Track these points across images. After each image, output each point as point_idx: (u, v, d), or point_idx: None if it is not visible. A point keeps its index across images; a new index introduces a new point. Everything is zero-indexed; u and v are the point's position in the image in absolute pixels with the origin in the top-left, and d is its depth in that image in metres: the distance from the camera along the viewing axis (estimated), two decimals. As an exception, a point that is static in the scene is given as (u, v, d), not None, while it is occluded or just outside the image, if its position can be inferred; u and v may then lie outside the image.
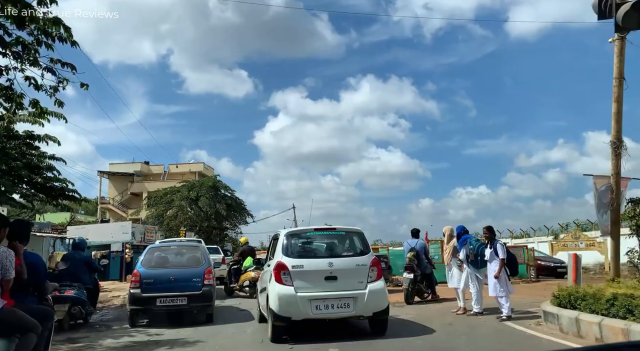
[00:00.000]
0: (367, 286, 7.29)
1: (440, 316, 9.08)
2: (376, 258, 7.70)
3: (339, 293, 7.17)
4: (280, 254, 7.45)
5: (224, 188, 37.85)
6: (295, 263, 7.26)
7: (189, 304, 9.11)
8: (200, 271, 9.50)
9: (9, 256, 4.50)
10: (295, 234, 7.86)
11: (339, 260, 7.40)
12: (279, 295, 7.08)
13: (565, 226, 26.18)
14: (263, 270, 8.85)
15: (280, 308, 7.04)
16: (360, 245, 7.76)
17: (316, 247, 7.95)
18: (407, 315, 9.20)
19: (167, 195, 36.69)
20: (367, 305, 7.19)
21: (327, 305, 7.12)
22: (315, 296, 7.10)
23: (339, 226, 8.00)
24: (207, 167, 53.28)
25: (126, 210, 49.20)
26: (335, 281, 7.22)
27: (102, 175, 52.39)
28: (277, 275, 7.24)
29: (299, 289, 7.11)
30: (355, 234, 7.93)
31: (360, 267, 7.39)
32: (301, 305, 7.03)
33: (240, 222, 39.43)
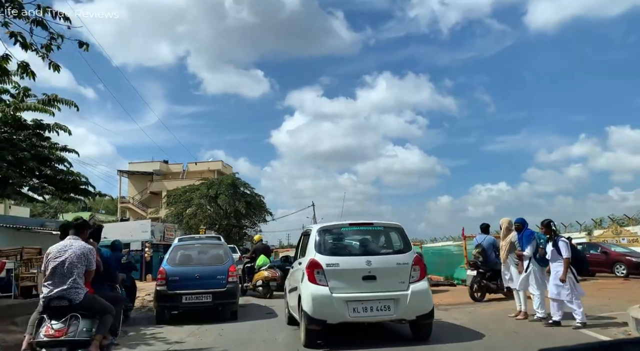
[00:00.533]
0: (409, 286, 6.67)
1: (496, 322, 8.03)
2: (418, 256, 7.07)
3: (379, 295, 6.56)
4: (313, 251, 6.87)
5: (243, 185, 37.51)
6: (330, 261, 6.68)
7: (214, 301, 9.24)
8: (224, 269, 9.61)
9: (92, 252, 5.36)
10: (328, 230, 7.25)
11: (377, 258, 6.79)
12: (313, 296, 6.51)
13: (600, 221, 25.14)
14: (293, 269, 8.28)
15: (314, 310, 6.47)
16: (400, 241, 7.15)
17: (352, 244, 7.34)
18: (457, 320, 8.30)
19: (187, 194, 36.51)
20: (410, 307, 6.56)
21: (366, 308, 6.52)
22: (352, 298, 6.50)
23: (376, 221, 7.37)
24: (226, 165, 53.01)
25: (146, 209, 49.22)
26: (373, 281, 6.62)
27: (121, 174, 52.43)
28: (310, 274, 6.67)
29: (334, 290, 6.53)
30: (394, 229, 7.31)
31: (401, 266, 6.77)
32: (337, 306, 6.45)
33: (260, 220, 39.07)
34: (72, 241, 5.30)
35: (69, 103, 8.93)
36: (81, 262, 5.14)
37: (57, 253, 5.15)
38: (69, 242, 5.29)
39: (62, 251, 5.15)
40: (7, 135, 8.97)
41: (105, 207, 65.93)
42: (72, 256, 5.10)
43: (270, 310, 10.53)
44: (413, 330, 6.99)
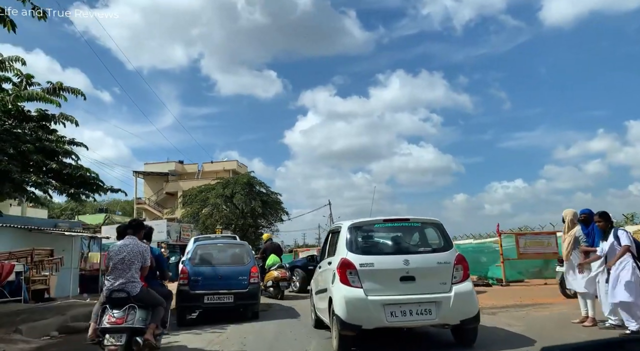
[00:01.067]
0: (451, 288, 6.02)
1: (558, 329, 7.02)
2: (461, 255, 6.40)
3: (419, 297, 5.92)
4: (345, 250, 6.25)
5: (259, 184, 36.92)
6: (364, 260, 6.06)
7: (235, 302, 9.17)
8: (246, 269, 9.52)
9: (147, 250, 5.99)
10: (360, 226, 6.62)
11: (416, 257, 6.15)
12: (347, 299, 5.89)
13: (631, 217, 24.06)
14: (320, 269, 7.66)
15: (348, 315, 5.85)
16: (440, 238, 6.50)
17: (387, 242, 6.69)
18: (511, 326, 7.29)
19: (202, 193, 36.00)
20: (454, 311, 5.90)
21: (405, 311, 5.88)
22: (389, 301, 5.88)
23: (412, 216, 6.72)
24: (241, 165, 52.63)
25: (162, 209, 49.12)
26: (412, 282, 5.98)
27: (137, 175, 52.41)
28: (342, 275, 6.05)
29: (369, 292, 5.91)
30: (432, 225, 6.65)
31: (442, 265, 6.12)
32: (373, 310, 5.82)
33: (276, 219, 38.47)
34: (130, 240, 5.91)
35: (75, 92, 8.33)
36: (138, 259, 5.77)
37: (118, 251, 5.78)
38: (127, 241, 5.91)
39: (121, 249, 5.79)
40: (9, 127, 8.32)
41: (122, 209, 66.07)
42: (130, 253, 5.73)
43: (290, 310, 10.01)
44: (456, 335, 6.34)
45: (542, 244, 13.12)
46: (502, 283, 13.24)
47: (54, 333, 7.97)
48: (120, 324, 5.39)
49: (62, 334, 8.03)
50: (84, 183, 9.47)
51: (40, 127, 9.00)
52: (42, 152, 8.35)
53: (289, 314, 9.94)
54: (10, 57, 8.00)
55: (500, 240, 13.55)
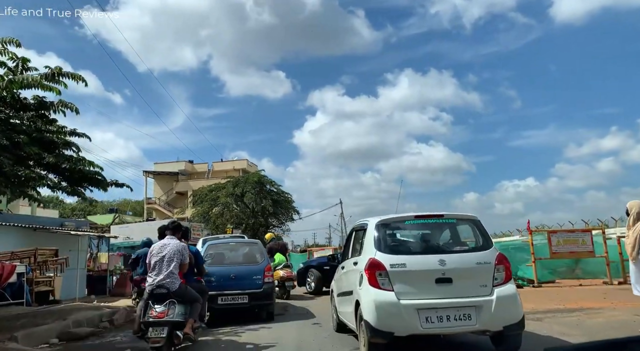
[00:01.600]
0: (493, 291, 5.41)
1: None
2: (502, 255, 5.77)
3: (457, 301, 5.32)
4: (373, 250, 5.66)
5: (269, 183, 36.46)
6: (395, 261, 5.46)
7: (250, 302, 8.91)
8: (260, 268, 9.25)
9: (186, 248, 6.34)
10: (389, 223, 6.01)
11: (452, 257, 5.55)
12: (377, 303, 5.31)
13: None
14: (343, 270, 7.08)
15: (379, 321, 5.26)
16: (478, 236, 5.87)
17: (419, 240, 6.07)
18: (570, 336, 6.40)
19: (212, 192, 35.64)
20: (496, 316, 5.29)
21: (441, 317, 5.28)
22: (424, 305, 5.29)
23: (447, 212, 6.11)
24: (251, 164, 52.27)
25: (172, 209, 48.84)
26: (449, 284, 5.38)
27: (147, 175, 52.24)
28: (371, 277, 5.46)
29: (401, 295, 5.32)
30: (469, 222, 6.03)
31: (482, 266, 5.51)
32: (406, 316, 5.23)
33: (287, 218, 37.93)
34: (169, 240, 6.33)
35: (76, 77, 7.63)
36: (177, 257, 6.13)
37: (159, 249, 6.19)
38: (167, 240, 6.32)
39: (162, 248, 6.19)
40: (5, 116, 7.61)
41: (133, 209, 65.96)
42: (170, 252, 6.12)
43: (306, 313, 9.53)
44: (497, 343, 5.70)
45: (577, 242, 12.36)
46: (533, 284, 12.54)
47: (54, 340, 7.34)
48: (162, 318, 5.74)
49: (62, 341, 7.41)
50: (84, 178, 8.80)
51: (39, 116, 8.30)
52: (39, 143, 7.68)
53: (306, 316, 9.40)
54: (3, 39, 7.44)
55: (531, 238, 12.86)
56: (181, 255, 6.20)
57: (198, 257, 7.11)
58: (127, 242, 19.45)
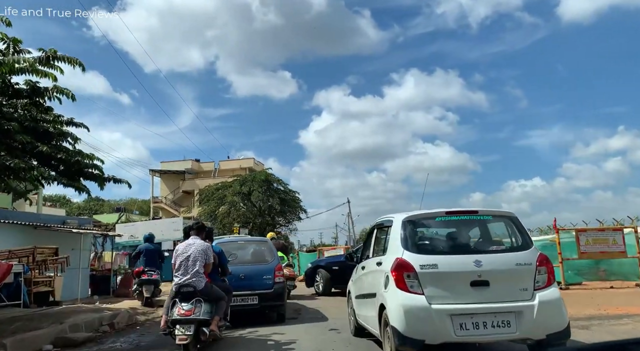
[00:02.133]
0: (534, 295, 4.88)
1: None
2: (544, 255, 5.21)
3: (494, 306, 4.79)
4: (400, 249, 5.13)
5: (276, 181, 35.85)
6: (425, 261, 4.93)
7: (260, 303, 8.60)
8: (271, 268, 8.96)
9: (210, 248, 6.51)
10: (417, 220, 5.47)
11: (489, 257, 5.00)
12: (406, 308, 4.77)
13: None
14: (364, 270, 6.54)
15: (408, 327, 4.73)
16: (517, 235, 5.32)
17: (451, 238, 5.51)
18: None
19: (219, 191, 35.15)
20: (538, 323, 4.75)
21: (477, 323, 4.74)
22: (458, 310, 4.76)
23: (482, 208, 5.55)
24: (257, 163, 51.72)
25: (179, 208, 48.43)
26: (486, 288, 4.85)
27: (154, 173, 51.88)
28: (398, 279, 4.94)
29: (433, 299, 4.80)
30: (506, 219, 5.47)
31: (521, 267, 4.97)
32: (438, 322, 4.71)
33: (294, 218, 37.32)
34: (194, 240, 6.48)
35: (73, 61, 6.99)
36: (202, 257, 6.27)
37: (184, 249, 6.34)
38: (191, 240, 6.47)
39: (187, 248, 6.34)
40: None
41: (139, 208, 65.72)
42: (195, 252, 6.27)
43: (320, 316, 9.05)
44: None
45: (607, 242, 11.70)
46: (560, 286, 11.81)
47: (47, 347, 6.69)
48: (188, 316, 5.88)
49: (57, 348, 6.78)
50: (80, 172, 8.20)
51: (33, 104, 7.69)
52: (32, 132, 7.10)
53: (320, 319, 8.92)
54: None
55: (558, 237, 12.16)
56: (205, 255, 6.34)
57: (222, 256, 7.19)
58: (132, 240, 18.97)
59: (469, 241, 5.48)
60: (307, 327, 8.01)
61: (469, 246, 5.40)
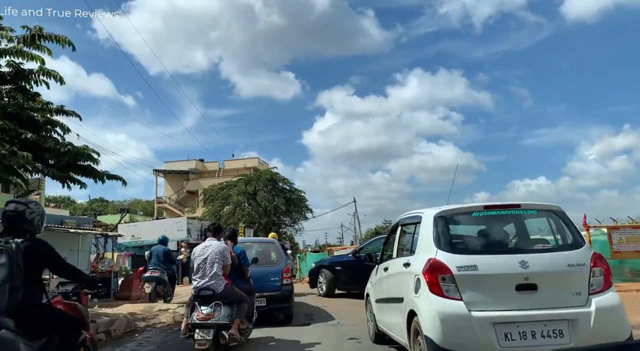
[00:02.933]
0: (590, 300, 4.26)
1: None
2: (599, 254, 4.58)
3: (544, 313, 4.18)
4: (433, 248, 4.51)
5: (282, 180, 35.23)
6: (463, 262, 4.32)
7: (268, 306, 8.45)
8: (278, 270, 8.82)
9: (227, 249, 6.49)
10: (452, 216, 4.84)
11: (536, 257, 4.38)
12: (442, 316, 4.16)
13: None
14: (386, 271, 5.92)
15: (445, 338, 4.12)
16: (566, 231, 4.69)
17: (491, 236, 4.86)
18: None
19: (224, 191, 34.49)
20: (596, 332, 4.12)
21: (524, 333, 4.13)
22: (502, 318, 4.15)
23: (524, 202, 4.91)
24: (262, 162, 51.27)
25: (183, 208, 48.06)
26: (534, 292, 4.24)
27: (157, 173, 51.67)
28: (432, 282, 4.33)
29: (473, 305, 4.20)
30: (553, 214, 4.83)
31: (574, 269, 4.34)
32: (479, 331, 4.10)
33: (300, 217, 36.57)
34: (211, 241, 6.43)
35: (61, 40, 6.45)
36: (219, 258, 6.20)
37: (201, 252, 6.32)
38: (208, 242, 6.43)
39: (204, 250, 6.30)
40: None
41: (143, 209, 65.39)
42: (212, 254, 6.21)
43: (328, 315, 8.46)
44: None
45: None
46: None
47: None
48: (207, 320, 5.83)
49: None
50: (73, 165, 7.62)
51: (18, 89, 7.01)
52: (16, 119, 6.48)
53: (334, 325, 8.34)
54: None
55: (588, 235, 11.42)
56: (223, 257, 6.27)
57: (242, 258, 7.05)
58: (135, 241, 18.40)
59: (511, 239, 4.85)
60: (323, 335, 7.36)
61: (512, 244, 4.77)
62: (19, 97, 7.08)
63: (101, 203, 76.04)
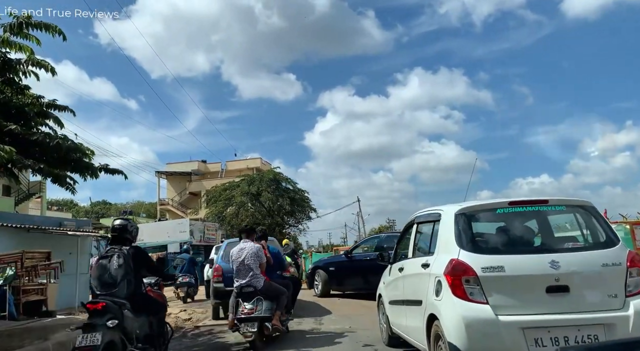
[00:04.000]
0: (627, 303, 3.93)
1: None
2: (636, 254, 4.25)
3: (578, 317, 3.86)
4: (455, 247, 4.19)
5: (285, 180, 34.71)
6: (489, 262, 4.00)
7: None
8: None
9: (261, 249, 6.98)
10: (474, 213, 4.50)
11: (567, 257, 4.05)
12: (467, 321, 3.85)
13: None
14: (401, 272, 5.59)
15: (470, 344, 3.82)
16: (599, 229, 4.36)
17: (517, 235, 4.51)
18: None
19: (227, 191, 34.08)
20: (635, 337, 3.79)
21: (557, 338, 3.82)
22: (532, 323, 3.84)
23: (552, 197, 4.57)
24: (265, 163, 50.99)
25: (185, 210, 47.87)
26: (566, 294, 3.92)
27: (160, 175, 51.63)
28: (455, 284, 4.01)
29: (500, 309, 3.88)
30: (584, 210, 4.48)
31: (609, 269, 4.01)
32: (507, 337, 3.80)
33: (304, 217, 35.93)
34: (244, 243, 6.97)
35: (52, 29, 6.00)
36: (254, 259, 6.71)
37: (237, 254, 6.84)
38: (243, 244, 6.96)
39: (240, 252, 6.84)
40: None
41: (146, 210, 65.29)
42: (247, 256, 6.75)
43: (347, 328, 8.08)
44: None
45: None
46: None
47: None
48: (251, 314, 6.37)
49: None
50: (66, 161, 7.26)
51: (5, 82, 6.67)
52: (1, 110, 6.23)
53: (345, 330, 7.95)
54: None
55: None
56: (257, 257, 6.75)
57: (277, 256, 7.75)
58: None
59: (542, 237, 4.52)
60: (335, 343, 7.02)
61: (540, 243, 4.44)
62: (7, 91, 6.82)
63: (104, 205, 76.04)
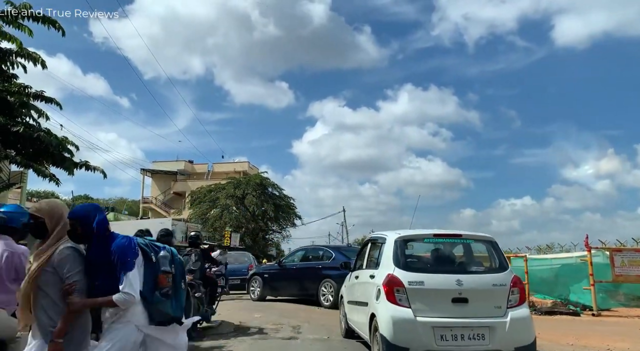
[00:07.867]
0: (507, 312, 5.57)
1: None
2: (518, 277, 5.93)
3: (471, 321, 5.47)
4: (392, 265, 5.82)
5: (271, 186, 35.71)
6: (413, 278, 5.62)
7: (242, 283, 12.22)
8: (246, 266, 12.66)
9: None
10: (408, 240, 6.18)
11: (469, 277, 5.69)
12: (394, 319, 5.45)
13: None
14: (357, 280, 7.27)
15: (395, 336, 5.40)
16: (494, 258, 6.04)
17: (437, 259, 6.24)
18: None
19: (212, 193, 34.82)
20: (508, 337, 5.44)
21: (456, 335, 5.42)
22: (440, 323, 5.43)
23: (465, 232, 6.27)
24: (252, 167, 51.76)
25: (169, 210, 48.46)
26: (465, 304, 5.53)
27: (145, 173, 51.65)
28: (389, 293, 5.61)
29: (418, 312, 5.48)
30: (487, 243, 6.19)
31: (497, 288, 5.66)
32: (422, 333, 5.38)
33: (289, 224, 37.02)
34: None
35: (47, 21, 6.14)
36: None
37: None
38: None
39: None
40: None
41: (129, 208, 65.80)
42: None
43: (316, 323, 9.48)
44: (508, 364, 5.85)
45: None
46: (593, 313, 10.98)
47: None
48: None
49: None
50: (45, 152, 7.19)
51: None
52: None
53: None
54: None
55: (590, 257, 11.20)
56: None
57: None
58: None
59: (453, 261, 6.18)
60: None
61: (452, 266, 6.10)
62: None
63: (85, 200, 75.99)
